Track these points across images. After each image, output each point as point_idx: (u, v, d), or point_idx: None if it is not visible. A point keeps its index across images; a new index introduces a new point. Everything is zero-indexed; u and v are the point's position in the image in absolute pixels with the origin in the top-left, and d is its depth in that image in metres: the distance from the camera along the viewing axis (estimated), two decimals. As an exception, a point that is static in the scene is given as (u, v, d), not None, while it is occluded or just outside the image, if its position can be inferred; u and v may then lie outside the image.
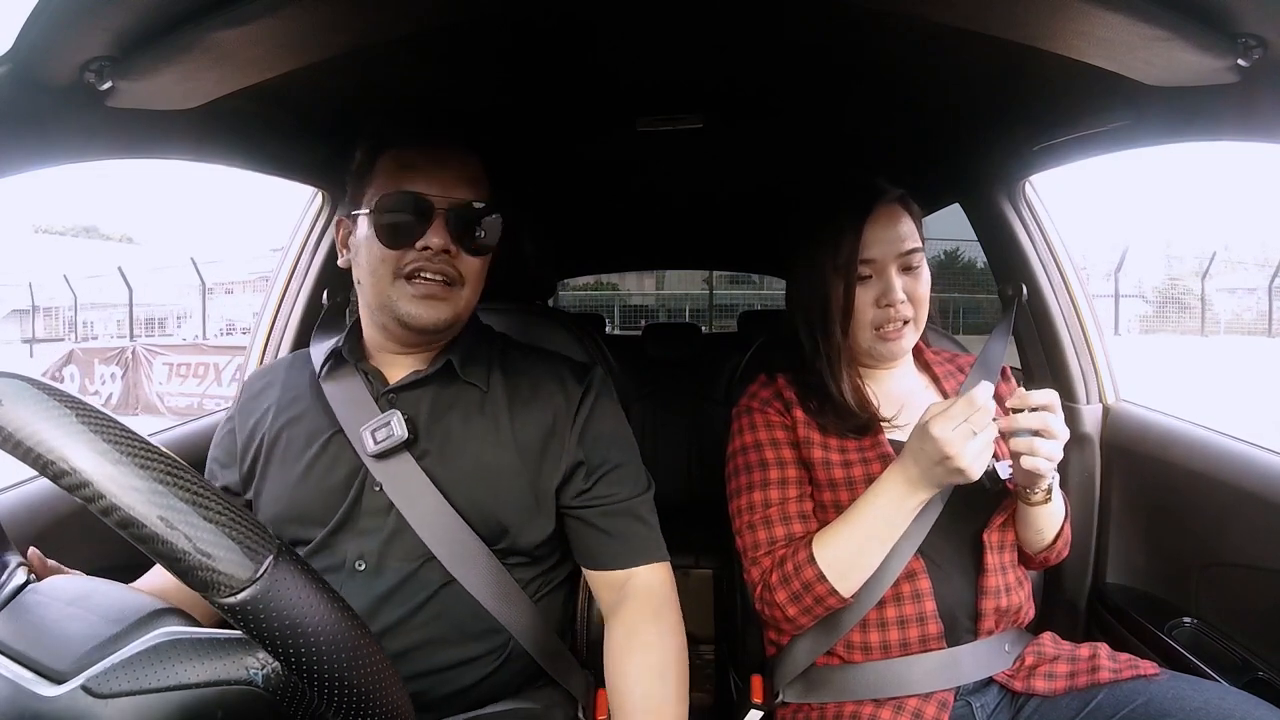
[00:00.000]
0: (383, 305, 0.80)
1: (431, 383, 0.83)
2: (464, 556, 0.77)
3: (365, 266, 0.80)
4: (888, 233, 0.87)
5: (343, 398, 0.82)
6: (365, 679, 0.40)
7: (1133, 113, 0.85)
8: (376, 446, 0.76)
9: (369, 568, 0.76)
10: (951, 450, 0.70)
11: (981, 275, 10.11)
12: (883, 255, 0.87)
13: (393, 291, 0.79)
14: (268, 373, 0.92)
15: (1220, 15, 0.60)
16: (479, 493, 0.78)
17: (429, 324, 0.79)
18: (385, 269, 0.78)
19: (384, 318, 0.81)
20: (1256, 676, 0.87)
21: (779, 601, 0.81)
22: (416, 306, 0.79)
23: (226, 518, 0.38)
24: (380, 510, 0.77)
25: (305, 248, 1.28)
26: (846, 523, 0.80)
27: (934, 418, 0.72)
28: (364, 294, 0.82)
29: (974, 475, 0.71)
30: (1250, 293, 16.17)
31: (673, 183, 1.59)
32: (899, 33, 0.77)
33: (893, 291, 0.86)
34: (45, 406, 0.37)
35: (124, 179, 57.86)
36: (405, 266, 0.78)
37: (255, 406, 0.88)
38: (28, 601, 0.46)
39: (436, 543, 0.76)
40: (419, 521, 0.76)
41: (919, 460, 0.74)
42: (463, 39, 0.80)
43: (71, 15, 0.56)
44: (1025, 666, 0.83)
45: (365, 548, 0.76)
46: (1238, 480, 0.95)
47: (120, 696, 0.38)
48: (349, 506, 0.77)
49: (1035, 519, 0.84)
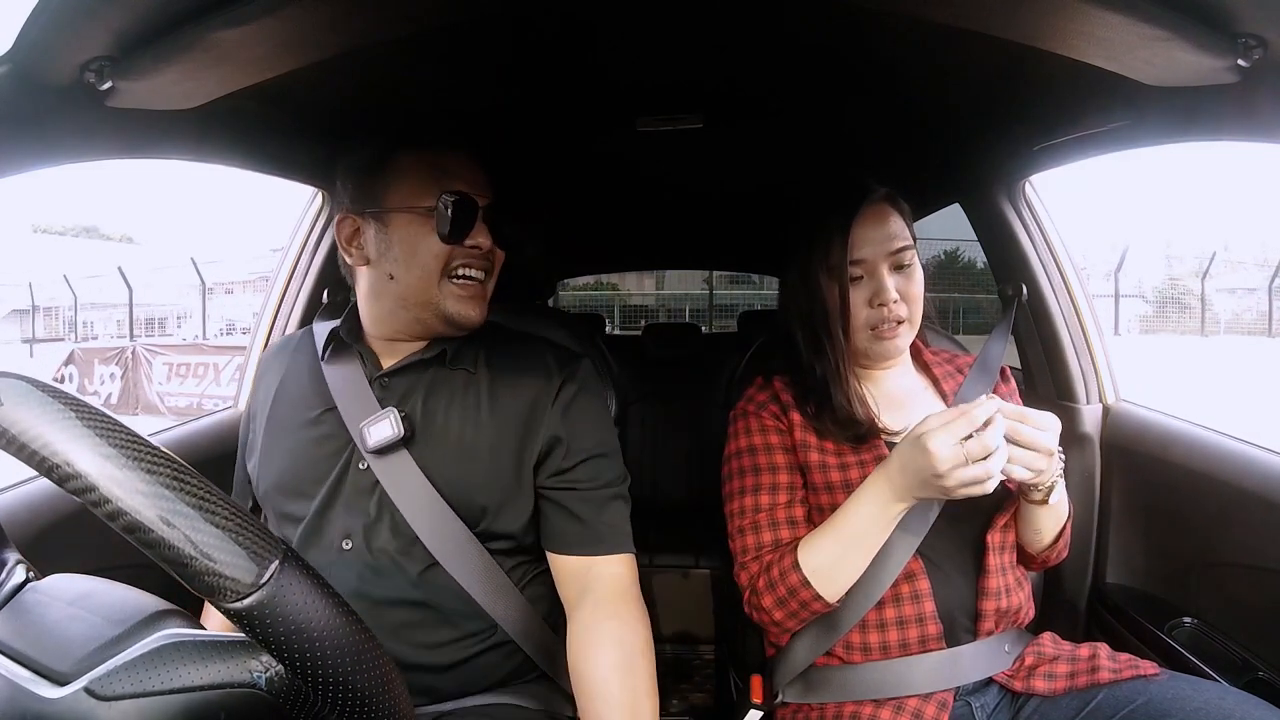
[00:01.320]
0: (425, 302, 0.82)
1: (425, 368, 0.85)
2: (448, 540, 0.78)
3: (404, 263, 0.81)
4: (876, 232, 0.87)
5: (339, 378, 0.85)
6: (369, 682, 0.40)
7: (1133, 113, 0.85)
8: (374, 443, 0.78)
9: (355, 547, 0.77)
10: (943, 469, 0.68)
11: (981, 275, 10.12)
12: (873, 255, 0.86)
13: (440, 290, 0.82)
14: (275, 352, 0.96)
15: (1220, 15, 0.60)
16: (459, 473, 0.80)
17: (475, 321, 0.84)
18: (435, 266, 0.81)
19: (424, 313, 0.83)
20: (1256, 676, 0.87)
21: (765, 606, 0.82)
22: (465, 306, 0.83)
23: (233, 523, 0.38)
24: (365, 489, 0.79)
25: (305, 247, 1.28)
26: (829, 529, 0.80)
27: (931, 431, 0.69)
28: (395, 289, 0.83)
29: (958, 495, 0.69)
30: (1250, 293, 16.19)
31: (673, 183, 1.59)
32: (899, 33, 0.77)
33: (885, 291, 0.86)
34: (48, 408, 0.37)
35: (124, 179, 57.81)
36: (454, 265, 0.82)
37: (261, 385, 0.92)
38: (27, 601, 0.46)
39: (421, 525, 0.77)
40: (401, 499, 0.77)
41: (905, 472, 0.73)
42: (462, 39, 0.80)
43: (71, 15, 0.56)
44: (1025, 667, 0.83)
45: (351, 527, 0.78)
46: (1238, 480, 0.95)
47: (123, 699, 0.38)
48: (335, 482, 0.79)
49: (1035, 518, 0.84)
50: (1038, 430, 0.71)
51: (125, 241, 39.80)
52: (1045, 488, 0.79)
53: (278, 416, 0.86)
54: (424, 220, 0.81)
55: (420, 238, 0.81)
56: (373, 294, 0.86)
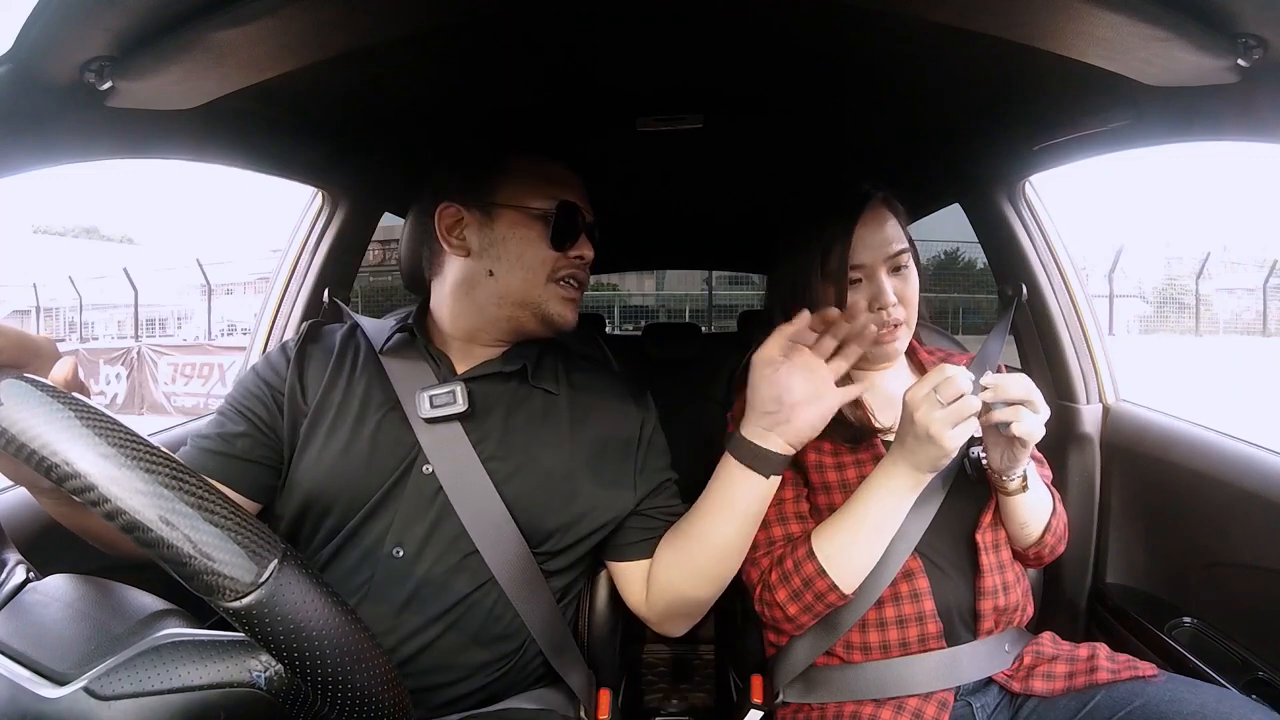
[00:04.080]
0: (529, 301, 0.83)
1: (505, 380, 0.84)
2: (506, 556, 0.76)
3: (516, 262, 0.82)
4: (875, 236, 0.87)
5: (405, 374, 0.81)
6: (367, 680, 0.40)
7: (1133, 113, 0.84)
8: (432, 411, 0.76)
9: (407, 555, 0.74)
10: (919, 415, 0.71)
11: (981, 275, 10.11)
12: (872, 260, 0.87)
13: (545, 292, 0.83)
14: (325, 334, 0.90)
15: (1220, 15, 0.60)
16: (534, 494, 0.78)
17: (572, 324, 0.86)
18: (544, 269, 0.83)
19: (521, 312, 0.83)
20: (1256, 676, 0.87)
21: (779, 600, 0.81)
22: (566, 309, 0.85)
23: (232, 521, 0.38)
24: (427, 495, 0.76)
25: (305, 247, 1.28)
26: (845, 515, 0.80)
27: (910, 388, 0.73)
28: (494, 286, 0.82)
29: (947, 445, 0.70)
30: (1249, 293, 16.18)
31: (672, 183, 1.59)
32: (899, 33, 0.77)
33: (884, 295, 0.86)
34: (48, 408, 0.37)
35: (124, 180, 57.83)
36: (560, 271, 0.84)
37: (308, 364, 0.84)
38: (27, 601, 0.46)
39: (481, 537, 0.75)
40: (466, 511, 0.75)
41: (904, 439, 0.75)
42: (463, 39, 0.80)
43: (71, 15, 0.56)
44: (1024, 667, 0.83)
45: (405, 534, 0.75)
46: (1238, 480, 0.95)
47: (122, 699, 0.38)
48: (393, 484, 0.76)
49: (1016, 511, 0.84)
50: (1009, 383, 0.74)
51: (125, 242, 39.86)
52: (1020, 475, 0.80)
53: (329, 413, 0.80)
54: (533, 222, 0.82)
55: (529, 240, 0.82)
56: (465, 287, 0.84)
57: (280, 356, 0.86)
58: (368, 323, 0.89)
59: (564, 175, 0.87)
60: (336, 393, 0.81)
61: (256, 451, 0.79)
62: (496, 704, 0.79)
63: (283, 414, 0.81)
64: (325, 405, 0.80)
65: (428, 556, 0.74)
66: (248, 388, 0.83)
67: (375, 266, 7.04)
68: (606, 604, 0.93)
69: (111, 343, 11.43)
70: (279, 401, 0.81)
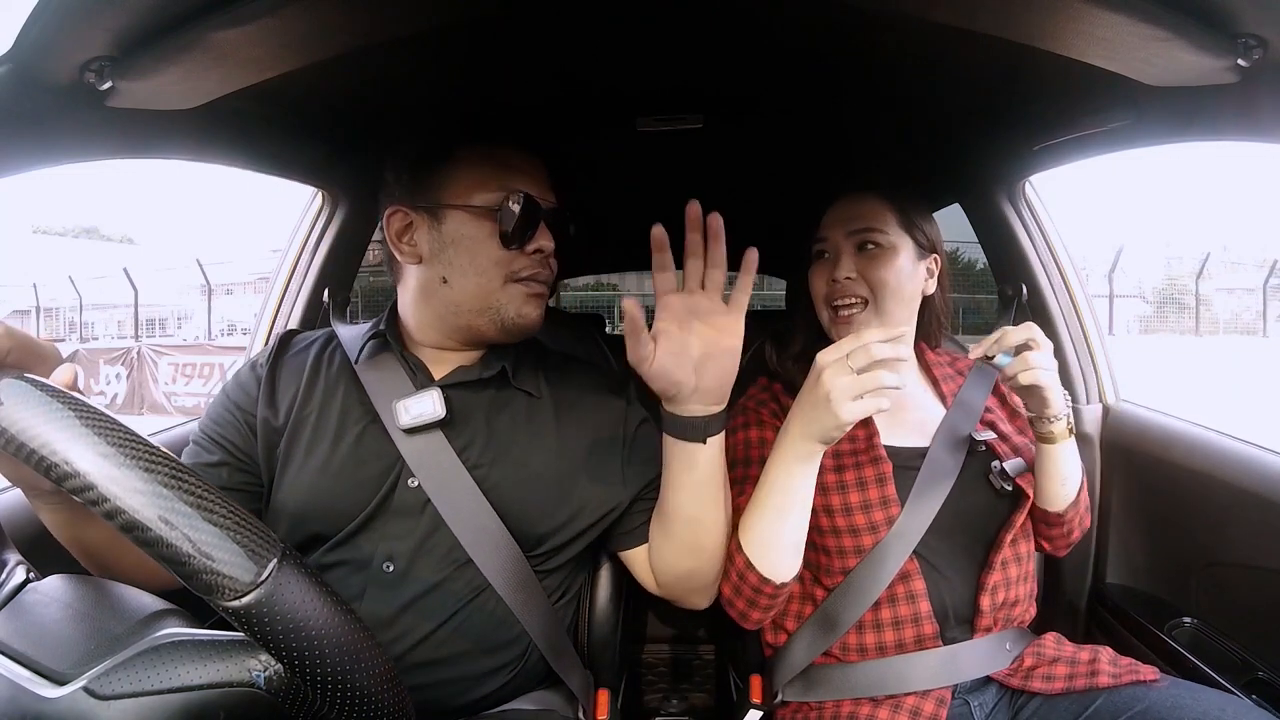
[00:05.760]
0: (486, 307, 0.78)
1: (486, 386, 0.80)
2: (500, 562, 0.74)
3: (469, 266, 0.77)
4: (844, 212, 0.90)
5: (381, 385, 0.78)
6: (367, 680, 0.40)
7: (1133, 113, 0.85)
8: (410, 420, 0.73)
9: (398, 570, 0.72)
10: (824, 375, 0.67)
11: (981, 275, 10.09)
12: (834, 234, 0.89)
13: (503, 294, 0.78)
14: (284, 356, 0.85)
15: (1220, 15, 0.60)
16: (524, 498, 0.76)
17: (536, 322, 0.80)
18: (499, 271, 0.77)
19: (480, 320, 0.78)
20: (1256, 676, 0.87)
21: (726, 596, 0.80)
22: (528, 306, 0.79)
23: (231, 521, 0.38)
24: (414, 508, 0.73)
25: (305, 247, 1.28)
26: (754, 503, 0.77)
27: (824, 350, 0.69)
28: (449, 294, 0.78)
29: (842, 415, 0.65)
30: (1249, 293, 16.18)
31: (673, 183, 1.59)
32: (899, 33, 0.77)
33: (839, 269, 0.88)
34: (47, 408, 0.37)
35: (124, 180, 57.84)
36: (519, 271, 0.78)
37: (275, 394, 0.80)
38: (27, 601, 0.46)
39: (474, 546, 0.73)
40: (457, 521, 0.73)
41: (803, 401, 0.71)
42: (462, 39, 0.80)
43: (71, 15, 0.56)
44: (1024, 667, 0.83)
45: (395, 548, 0.72)
46: (1238, 480, 0.95)
47: (122, 698, 0.38)
48: (380, 501, 0.73)
49: (1061, 463, 0.83)
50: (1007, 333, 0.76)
51: (125, 242, 39.87)
52: (1061, 416, 0.80)
53: (306, 430, 0.77)
54: (481, 220, 0.76)
55: (479, 240, 0.76)
56: (422, 296, 0.80)
57: (250, 376, 0.82)
58: (345, 330, 0.85)
59: (517, 161, 0.80)
60: (312, 407, 0.78)
61: (235, 479, 0.77)
62: (503, 704, 0.79)
63: (256, 438, 0.78)
64: (301, 422, 0.77)
65: (420, 569, 0.72)
66: (220, 414, 0.80)
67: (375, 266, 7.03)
68: (606, 605, 0.93)
69: (111, 343, 11.42)
70: (251, 425, 0.78)
